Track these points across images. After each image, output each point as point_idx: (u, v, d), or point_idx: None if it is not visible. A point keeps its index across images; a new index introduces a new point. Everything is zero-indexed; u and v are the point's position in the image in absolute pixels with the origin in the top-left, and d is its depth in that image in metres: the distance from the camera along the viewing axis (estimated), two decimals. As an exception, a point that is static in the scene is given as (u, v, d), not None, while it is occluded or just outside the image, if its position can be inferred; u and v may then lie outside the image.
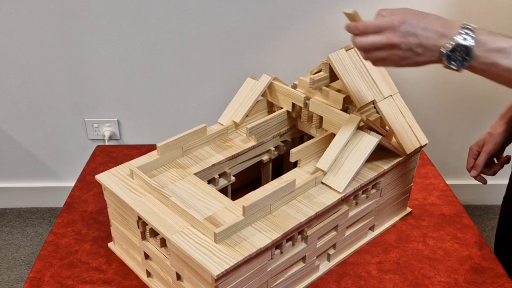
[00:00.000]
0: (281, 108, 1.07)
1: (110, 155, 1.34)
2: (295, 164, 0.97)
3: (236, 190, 1.09)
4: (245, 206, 0.80)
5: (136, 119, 1.98)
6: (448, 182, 1.32)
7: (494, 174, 1.10)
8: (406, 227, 1.10)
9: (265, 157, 1.07)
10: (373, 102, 0.99)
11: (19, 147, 2.04)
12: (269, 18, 1.76)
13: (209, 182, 0.98)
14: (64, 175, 2.12)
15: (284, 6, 1.74)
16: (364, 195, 0.97)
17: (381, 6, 1.76)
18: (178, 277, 0.86)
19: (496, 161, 1.13)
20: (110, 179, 0.93)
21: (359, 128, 0.93)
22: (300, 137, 1.12)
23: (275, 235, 0.81)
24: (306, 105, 1.02)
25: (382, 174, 0.97)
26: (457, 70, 0.73)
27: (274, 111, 1.08)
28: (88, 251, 1.02)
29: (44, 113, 1.95)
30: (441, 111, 1.97)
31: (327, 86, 1.02)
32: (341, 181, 0.90)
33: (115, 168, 0.96)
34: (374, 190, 0.99)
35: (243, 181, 1.11)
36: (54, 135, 2.01)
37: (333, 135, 0.97)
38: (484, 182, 1.11)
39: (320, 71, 1.02)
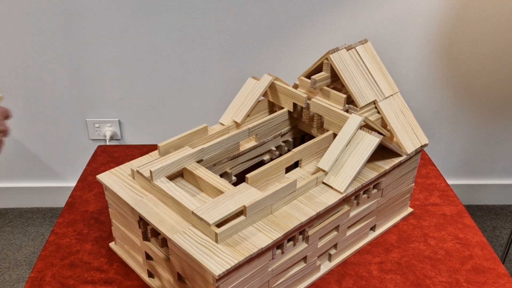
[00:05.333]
0: (282, 108, 1.07)
1: (111, 155, 1.35)
2: (296, 164, 0.97)
3: (237, 190, 1.09)
4: (246, 206, 0.80)
5: (137, 119, 1.98)
6: (450, 182, 1.32)
7: None
8: (407, 227, 1.10)
9: (266, 157, 1.07)
10: (374, 102, 0.99)
11: (20, 147, 2.04)
12: (270, 18, 1.76)
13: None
14: (65, 175, 2.12)
15: (285, 6, 1.74)
16: (365, 195, 0.97)
17: (377, 8, 1.76)
18: (179, 277, 0.86)
19: None
20: (111, 179, 0.93)
21: (360, 128, 0.93)
22: (301, 137, 1.12)
23: (276, 235, 0.81)
24: (307, 105, 1.02)
25: (383, 174, 0.97)
26: None
27: (275, 111, 1.08)
28: (89, 251, 1.03)
29: (45, 113, 1.95)
30: (442, 111, 1.97)
31: (328, 85, 1.02)
32: (342, 181, 0.90)
33: (116, 168, 0.96)
34: (375, 190, 0.99)
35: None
36: (55, 135, 2.01)
37: (334, 135, 0.97)
38: None
39: (316, 69, 1.03)
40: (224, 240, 0.80)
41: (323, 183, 0.91)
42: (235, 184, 1.02)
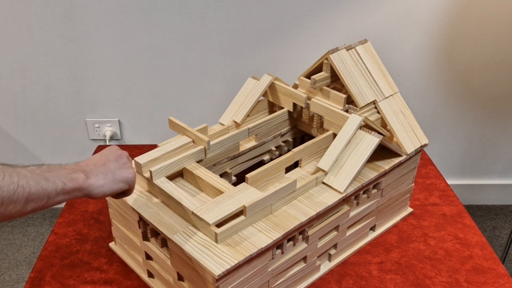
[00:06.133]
0: (282, 108, 1.07)
1: (111, 155, 1.34)
2: (296, 164, 0.97)
3: (237, 190, 1.09)
4: (246, 206, 0.80)
5: (137, 119, 1.98)
6: (449, 182, 1.32)
7: None
8: (407, 227, 1.10)
9: (266, 157, 1.07)
10: (374, 102, 0.99)
11: (20, 147, 2.04)
12: (270, 18, 1.76)
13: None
14: (65, 175, 2.12)
15: (285, 6, 1.74)
16: (365, 195, 0.97)
17: (377, 8, 1.76)
18: (179, 277, 0.86)
19: None
20: (111, 179, 0.92)
21: (360, 128, 0.93)
22: (301, 137, 1.12)
23: (276, 235, 0.81)
24: (307, 105, 1.02)
25: (383, 174, 0.97)
26: None
27: (275, 111, 1.08)
28: (89, 251, 1.03)
29: (45, 113, 1.95)
30: (442, 111, 1.97)
31: (328, 86, 1.02)
32: (342, 181, 0.90)
33: (116, 168, 0.96)
34: (375, 190, 0.99)
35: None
36: (55, 135, 2.01)
37: (334, 135, 0.97)
38: None
39: (316, 69, 1.03)
40: (224, 240, 0.80)
41: (323, 183, 0.91)
42: (235, 184, 1.02)
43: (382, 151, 0.99)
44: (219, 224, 0.80)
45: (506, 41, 1.82)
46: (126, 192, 0.81)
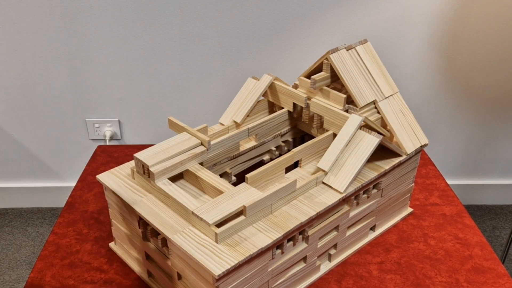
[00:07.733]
0: (282, 108, 1.07)
1: (111, 155, 1.35)
2: (296, 164, 0.97)
3: (237, 190, 1.09)
4: (246, 206, 0.80)
5: (137, 119, 1.98)
6: (449, 182, 1.33)
7: None
8: (407, 227, 1.10)
9: (266, 157, 1.07)
10: (374, 102, 0.99)
11: (20, 147, 2.04)
12: (270, 18, 1.76)
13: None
14: (65, 175, 2.12)
15: (285, 6, 1.74)
16: (365, 195, 0.97)
17: (377, 8, 1.76)
18: (179, 277, 0.86)
19: None
20: (111, 179, 0.93)
21: (360, 128, 0.93)
22: (301, 137, 1.12)
23: (276, 235, 0.81)
24: (307, 105, 1.02)
25: (383, 174, 0.97)
26: None
27: (275, 111, 1.08)
28: (89, 251, 1.03)
29: (45, 113, 1.95)
30: (442, 111, 1.97)
31: (328, 86, 1.02)
32: (342, 181, 0.90)
33: (116, 168, 0.96)
34: (375, 190, 0.99)
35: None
36: (55, 135, 2.01)
37: (334, 135, 0.97)
38: None
39: (316, 69, 1.03)
40: (224, 240, 0.80)
41: (323, 183, 0.91)
42: (235, 184, 1.02)
43: (382, 151, 1.00)
44: (219, 224, 0.80)
45: (506, 41, 1.82)
46: None
